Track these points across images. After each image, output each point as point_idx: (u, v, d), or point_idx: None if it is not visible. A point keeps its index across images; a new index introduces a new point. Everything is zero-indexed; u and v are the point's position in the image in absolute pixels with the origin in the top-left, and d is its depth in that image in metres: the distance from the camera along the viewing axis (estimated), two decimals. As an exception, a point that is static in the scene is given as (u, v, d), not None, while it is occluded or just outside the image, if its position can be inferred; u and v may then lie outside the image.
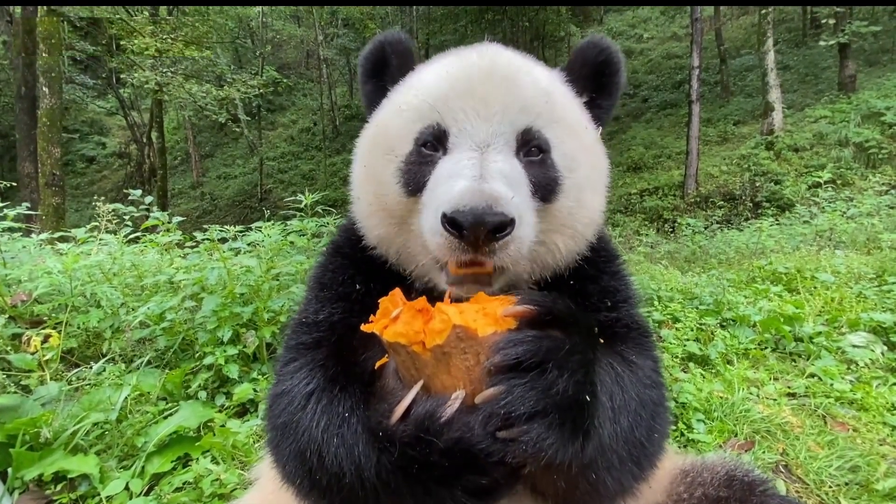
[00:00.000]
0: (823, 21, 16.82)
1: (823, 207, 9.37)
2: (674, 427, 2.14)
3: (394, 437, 0.74)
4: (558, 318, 0.77)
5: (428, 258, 0.94)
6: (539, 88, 0.99)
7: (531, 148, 0.96)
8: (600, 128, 1.13)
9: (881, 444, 2.00)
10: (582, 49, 1.12)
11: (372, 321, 0.81)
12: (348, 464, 0.78)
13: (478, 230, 0.78)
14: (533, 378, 0.69)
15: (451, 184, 0.85)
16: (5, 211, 3.43)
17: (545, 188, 0.95)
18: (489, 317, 0.74)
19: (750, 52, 23.10)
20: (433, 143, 0.96)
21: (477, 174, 0.84)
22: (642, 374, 0.91)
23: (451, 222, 0.79)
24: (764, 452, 1.95)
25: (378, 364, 0.87)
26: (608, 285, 1.05)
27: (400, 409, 0.75)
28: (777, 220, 10.48)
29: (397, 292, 0.83)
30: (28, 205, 4.44)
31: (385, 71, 1.15)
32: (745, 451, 1.96)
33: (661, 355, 1.09)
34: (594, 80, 1.12)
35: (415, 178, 0.96)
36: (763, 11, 15.96)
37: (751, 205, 14.04)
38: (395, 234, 1.00)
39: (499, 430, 0.69)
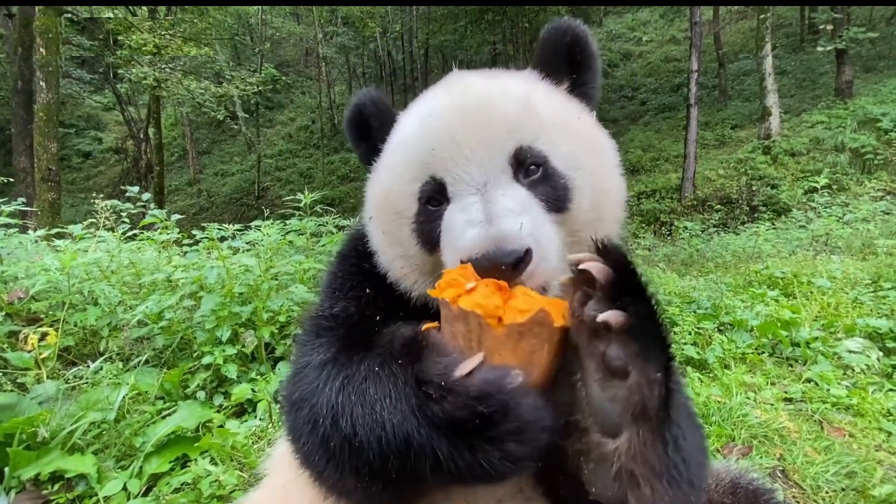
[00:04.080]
0: (821, 27, 16.88)
1: (820, 212, 9.44)
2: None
3: (457, 389, 0.73)
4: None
5: None
6: (516, 103, 0.98)
7: (528, 167, 0.95)
8: (593, 110, 1.12)
9: (877, 450, 2.01)
10: (547, 38, 1.11)
11: (438, 288, 0.81)
12: (365, 425, 0.77)
13: (494, 274, 0.79)
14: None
15: (460, 233, 0.87)
16: (2, 207, 3.40)
17: (557, 199, 0.95)
18: (558, 308, 0.76)
19: (748, 57, 23.22)
20: (436, 197, 0.97)
21: (481, 218, 0.86)
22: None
23: None
24: (761, 457, 1.96)
25: (426, 327, 0.85)
26: None
27: (468, 366, 0.74)
28: (773, 224, 10.56)
29: (469, 267, 0.82)
30: (24, 200, 4.42)
31: (370, 132, 1.17)
32: (743, 455, 1.97)
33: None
34: (569, 62, 1.11)
35: (428, 236, 0.98)
36: (761, 16, 16.04)
37: (747, 209, 14.11)
38: (430, 280, 1.01)
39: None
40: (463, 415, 0.72)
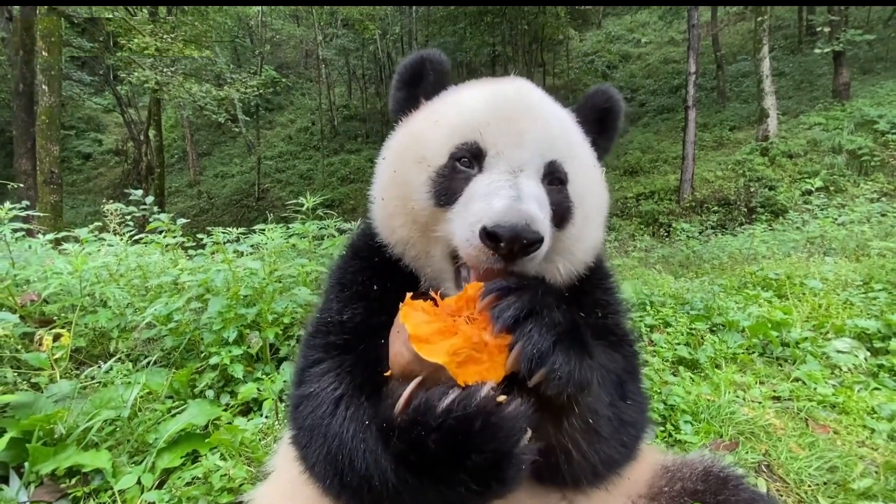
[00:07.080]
0: (819, 29, 17.00)
1: (816, 214, 9.52)
2: (662, 428, 2.23)
3: (394, 426, 0.82)
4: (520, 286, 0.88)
5: (445, 263, 1.06)
6: (563, 128, 1.13)
7: (554, 178, 1.07)
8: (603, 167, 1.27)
9: (860, 446, 2.08)
10: (591, 96, 1.29)
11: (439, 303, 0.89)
12: (374, 469, 0.85)
13: (514, 245, 0.89)
14: (537, 321, 0.82)
15: (490, 201, 0.94)
16: (13, 210, 3.46)
17: (560, 216, 1.06)
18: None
19: (746, 59, 23.32)
20: (469, 159, 1.05)
21: (514, 195, 0.94)
22: (617, 356, 1.04)
23: (491, 236, 0.89)
24: (747, 453, 2.03)
25: (387, 373, 0.93)
26: (600, 299, 1.18)
27: (402, 401, 0.82)
28: (770, 225, 10.64)
29: (473, 298, 0.88)
30: (27, 203, 4.49)
31: (420, 83, 1.25)
32: (730, 451, 2.04)
33: (642, 357, 1.24)
34: (599, 123, 1.27)
35: (447, 190, 1.04)
36: (759, 18, 16.13)
37: (745, 210, 14.20)
38: (417, 238, 1.09)
39: (532, 373, 0.78)
40: (405, 448, 0.81)
